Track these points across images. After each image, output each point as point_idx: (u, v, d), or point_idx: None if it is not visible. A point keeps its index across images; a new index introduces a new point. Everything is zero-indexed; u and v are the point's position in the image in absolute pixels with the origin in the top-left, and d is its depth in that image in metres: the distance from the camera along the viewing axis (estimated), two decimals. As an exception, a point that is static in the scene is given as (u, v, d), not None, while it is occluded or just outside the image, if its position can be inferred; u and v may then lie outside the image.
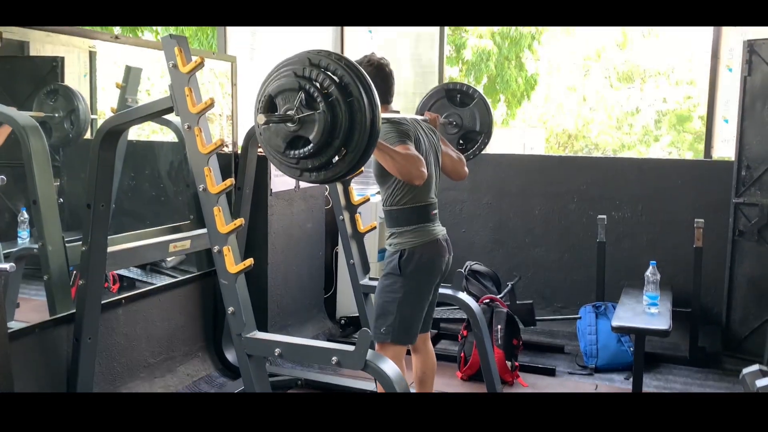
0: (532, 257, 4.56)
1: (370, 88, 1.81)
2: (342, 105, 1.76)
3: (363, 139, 1.78)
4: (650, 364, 3.72)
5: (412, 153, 2.32)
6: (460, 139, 3.11)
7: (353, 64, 1.84)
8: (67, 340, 2.68)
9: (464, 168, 2.79)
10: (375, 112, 1.80)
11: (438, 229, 2.59)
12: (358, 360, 2.08)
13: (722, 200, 3.97)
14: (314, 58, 1.82)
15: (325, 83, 1.77)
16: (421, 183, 2.33)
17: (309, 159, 1.80)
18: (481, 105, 3.08)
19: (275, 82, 1.82)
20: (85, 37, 3.23)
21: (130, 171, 3.94)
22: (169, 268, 4.00)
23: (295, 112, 1.77)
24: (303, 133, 1.78)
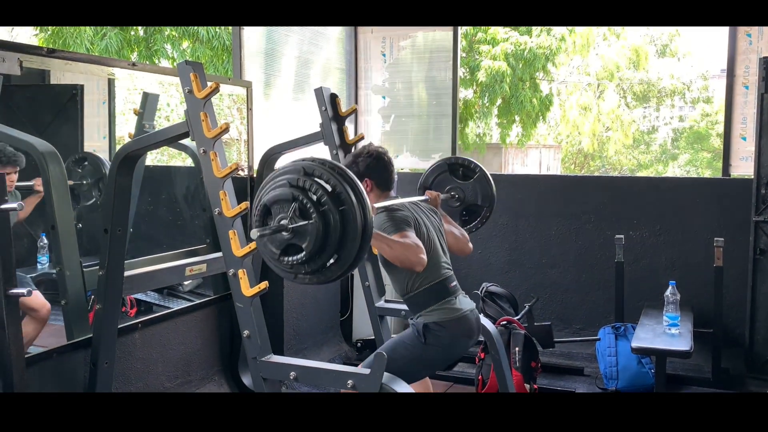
0: (549, 278, 4.52)
1: (362, 195, 1.85)
2: (335, 214, 1.81)
3: (355, 245, 1.83)
4: (672, 386, 3.65)
5: (409, 241, 2.34)
6: (463, 211, 3.17)
7: (345, 173, 1.88)
8: (84, 364, 2.69)
9: (468, 245, 2.83)
10: (366, 218, 1.84)
11: (463, 303, 2.56)
12: (374, 383, 2.06)
13: (742, 218, 3.92)
14: (308, 167, 1.87)
15: (318, 193, 1.82)
16: (421, 269, 2.35)
17: (303, 265, 1.84)
18: (482, 179, 3.15)
19: (271, 192, 1.89)
20: (102, 65, 3.28)
21: (148, 196, 3.98)
22: (186, 292, 4.02)
23: (288, 222, 1.83)
24: (296, 241, 1.84)
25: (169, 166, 4.52)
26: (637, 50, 14.77)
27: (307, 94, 4.59)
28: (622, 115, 16.03)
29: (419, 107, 5.06)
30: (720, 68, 17.52)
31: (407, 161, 5.11)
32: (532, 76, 11.57)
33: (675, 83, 17.47)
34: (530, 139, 13.32)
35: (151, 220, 4.06)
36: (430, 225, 2.60)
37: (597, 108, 15.63)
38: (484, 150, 12.57)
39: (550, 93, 12.40)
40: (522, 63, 11.17)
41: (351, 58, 5.06)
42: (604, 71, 15.83)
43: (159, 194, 4.15)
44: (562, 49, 11.68)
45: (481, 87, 11.32)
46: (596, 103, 15.72)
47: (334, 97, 3.08)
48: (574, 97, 15.63)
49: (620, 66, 15.38)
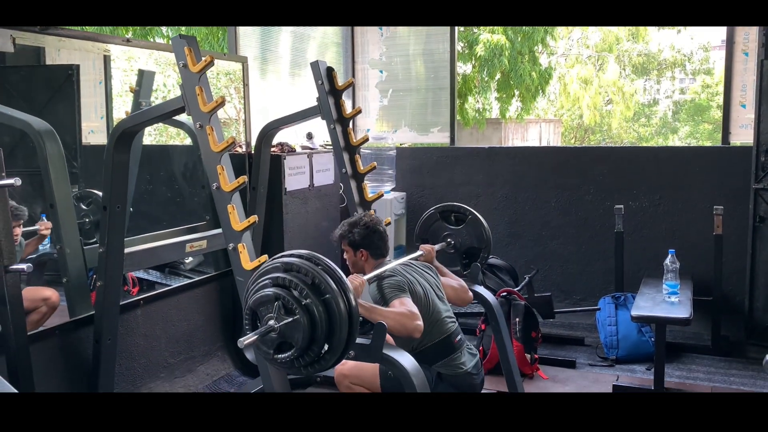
0: (549, 250, 4.53)
1: (341, 280, 1.87)
2: (318, 305, 1.83)
3: (344, 331, 1.85)
4: (672, 354, 3.68)
5: (403, 309, 2.35)
6: (462, 255, 3.21)
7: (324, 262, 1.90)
8: (88, 341, 2.71)
9: (468, 294, 2.87)
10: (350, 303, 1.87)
11: (468, 361, 2.61)
12: (375, 353, 2.08)
13: (742, 186, 3.91)
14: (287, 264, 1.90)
15: (298, 288, 1.84)
16: (419, 335, 2.36)
17: (297, 360, 1.87)
18: (474, 222, 3.20)
19: (255, 294, 1.90)
20: (97, 41, 3.26)
21: (147, 174, 3.98)
22: (188, 270, 4.03)
23: (275, 321, 1.84)
24: (286, 338, 1.86)
25: (168, 145, 4.51)
26: (637, 21, 14.60)
27: (303, 69, 4.57)
28: (624, 86, 15.91)
29: (417, 81, 5.03)
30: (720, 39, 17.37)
31: (405, 136, 5.10)
32: (531, 50, 11.45)
33: (675, 55, 17.32)
34: (530, 113, 13.24)
35: (151, 198, 4.06)
36: (425, 283, 2.64)
37: (598, 80, 15.51)
38: (483, 125, 12.48)
39: (549, 66, 12.28)
40: (521, 36, 11.06)
41: (347, 32, 5.02)
42: (604, 43, 15.69)
43: (158, 173, 4.14)
44: (561, 21, 11.55)
45: (479, 61, 11.22)
46: (596, 75, 15.60)
47: (330, 70, 3.06)
48: (575, 71, 15.50)
49: (620, 38, 15.23)
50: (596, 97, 15.28)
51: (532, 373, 3.51)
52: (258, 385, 3.28)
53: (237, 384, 3.45)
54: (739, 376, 3.48)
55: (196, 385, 3.31)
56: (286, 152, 3.78)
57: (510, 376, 3.05)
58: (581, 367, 3.65)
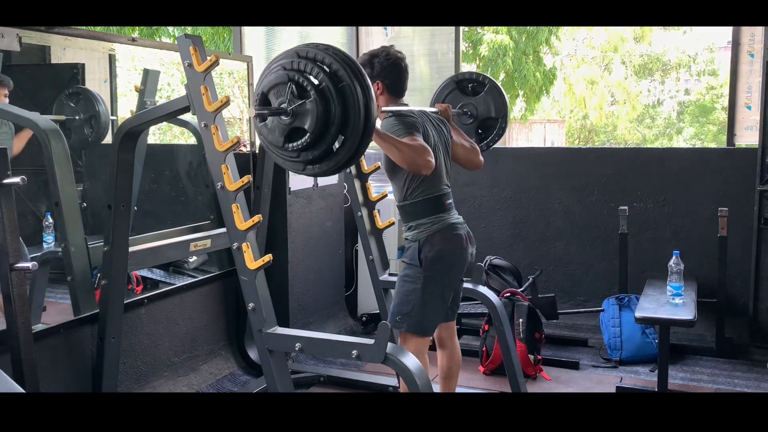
0: (553, 251, 4.53)
1: (360, 73, 1.81)
2: (333, 91, 1.77)
3: (359, 124, 1.78)
4: (676, 355, 3.68)
5: (417, 143, 2.31)
6: (478, 128, 3.09)
7: (341, 52, 1.84)
8: (92, 339, 2.72)
9: (478, 157, 2.75)
10: (368, 95, 1.80)
11: (455, 217, 2.56)
12: (378, 353, 2.08)
13: (746, 188, 3.91)
14: (302, 50, 1.84)
15: (313, 72, 1.78)
16: (428, 172, 2.32)
17: (308, 150, 1.81)
18: (493, 91, 3.05)
19: (266, 78, 1.85)
20: (103, 41, 3.27)
21: (151, 173, 3.99)
22: (192, 269, 4.04)
23: (287, 105, 1.78)
24: (298, 124, 1.80)
25: (172, 144, 4.52)
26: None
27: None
28: (630, 87, 15.87)
29: (421, 81, 5.02)
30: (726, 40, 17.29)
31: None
32: (536, 50, 11.45)
33: (680, 56, 17.28)
34: (534, 114, 13.23)
35: (155, 197, 4.07)
36: (437, 137, 2.55)
37: (604, 81, 15.48)
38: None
39: (554, 67, 12.26)
40: (525, 36, 11.05)
41: (352, 32, 5.02)
42: (609, 44, 15.66)
43: (162, 172, 4.15)
44: (566, 22, 11.54)
45: (483, 61, 11.22)
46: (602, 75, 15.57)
47: (335, 70, 3.06)
48: (580, 71, 15.48)
49: (625, 38, 15.20)
50: (602, 98, 15.26)
51: (535, 374, 3.51)
52: (261, 384, 3.29)
53: (240, 383, 3.45)
54: (743, 379, 3.47)
55: (199, 384, 3.31)
56: (290, 152, 3.77)
57: (513, 377, 3.04)
58: (585, 368, 3.65)
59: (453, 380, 2.79)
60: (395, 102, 2.57)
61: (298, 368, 3.51)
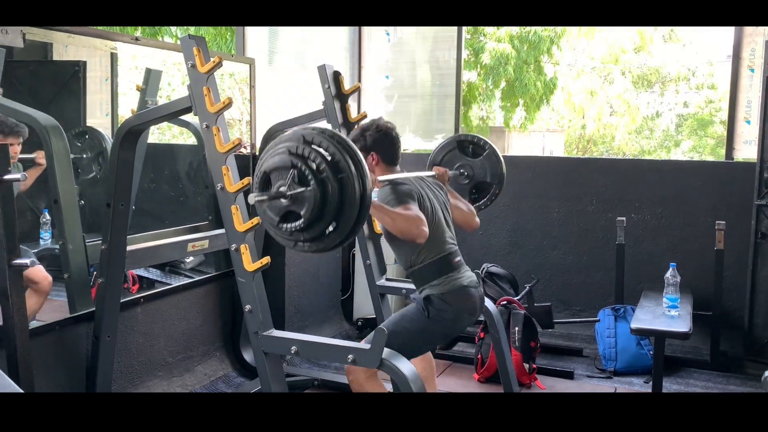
0: (550, 260, 4.53)
1: (361, 164, 1.85)
2: (333, 182, 1.81)
3: (353, 213, 1.83)
4: (670, 367, 3.68)
5: (411, 213, 2.34)
6: (472, 189, 3.16)
7: (345, 141, 1.88)
8: (87, 338, 2.71)
9: (475, 219, 2.84)
10: (365, 187, 1.85)
11: (465, 276, 2.56)
12: (374, 358, 2.08)
13: (744, 202, 3.92)
14: (308, 135, 1.87)
15: (316, 161, 1.82)
16: (423, 241, 2.34)
17: (301, 232, 1.85)
18: (492, 156, 3.13)
19: (270, 159, 1.89)
20: (105, 39, 3.27)
21: (150, 172, 3.98)
22: (188, 270, 4.04)
23: (287, 189, 1.83)
24: (295, 208, 1.85)
25: (172, 144, 4.52)
26: (642, 34, 14.64)
27: (309, 72, 4.57)
28: (630, 99, 15.91)
29: (422, 87, 5.04)
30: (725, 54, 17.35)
31: (410, 142, 5.11)
32: (537, 59, 11.48)
33: (680, 69, 17.33)
34: (534, 123, 13.26)
35: (154, 196, 4.07)
36: (434, 199, 2.60)
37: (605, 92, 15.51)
38: (487, 133, 12.50)
39: (555, 76, 12.30)
40: (527, 45, 11.09)
41: (355, 37, 5.03)
42: (609, 55, 15.70)
43: (162, 171, 4.15)
44: (568, 32, 11.59)
45: (485, 69, 11.25)
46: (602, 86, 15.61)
47: (337, 74, 3.07)
48: (580, 81, 15.51)
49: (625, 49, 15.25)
50: (602, 109, 15.30)
51: (530, 383, 3.51)
52: (256, 386, 3.28)
53: (235, 385, 3.44)
54: (737, 392, 3.47)
55: (193, 385, 3.31)
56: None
57: (508, 385, 3.04)
58: (579, 378, 3.65)
59: (431, 383, 2.79)
60: (390, 170, 2.62)
61: (292, 371, 3.51)
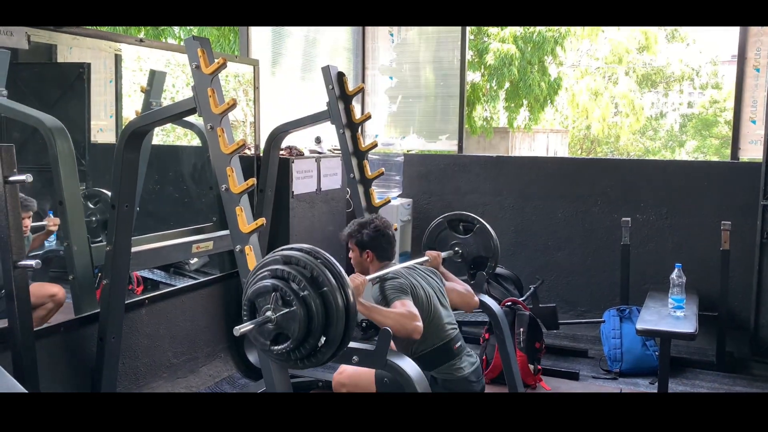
0: (554, 260, 4.52)
1: (340, 276, 1.87)
2: (315, 298, 1.83)
3: (340, 325, 1.85)
4: (676, 368, 3.66)
5: (404, 310, 2.36)
6: (470, 265, 3.23)
7: (323, 255, 1.90)
8: (92, 339, 2.71)
9: (474, 299, 2.86)
10: (347, 296, 1.86)
11: (467, 364, 2.60)
12: (379, 359, 2.08)
13: (750, 203, 3.90)
14: (286, 256, 1.90)
15: (296, 280, 1.84)
16: (418, 336, 2.37)
17: (293, 352, 1.87)
18: (482, 231, 3.22)
19: (253, 286, 1.91)
20: (110, 41, 3.28)
21: (155, 174, 3.99)
22: (192, 271, 4.04)
23: (272, 312, 1.85)
24: (283, 330, 1.86)
25: (177, 146, 4.52)
26: (646, 34, 14.61)
27: (313, 73, 4.58)
28: (635, 99, 15.88)
29: (426, 88, 5.04)
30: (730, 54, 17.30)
31: (414, 142, 5.10)
32: (541, 60, 11.46)
33: (684, 68, 17.29)
34: (537, 123, 13.24)
35: (158, 198, 4.07)
36: (428, 287, 2.64)
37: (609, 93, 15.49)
38: (491, 134, 12.48)
39: (559, 77, 12.28)
40: (531, 46, 11.06)
41: (358, 38, 5.03)
42: (613, 55, 15.69)
43: (166, 173, 4.15)
44: (572, 33, 11.56)
45: (489, 70, 11.23)
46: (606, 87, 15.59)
47: (341, 75, 3.07)
48: (584, 82, 15.49)
49: (629, 49, 15.22)
50: (606, 110, 15.27)
51: (534, 384, 3.49)
52: (260, 387, 3.28)
53: (239, 386, 3.44)
54: (743, 393, 3.46)
55: (198, 386, 3.30)
56: (294, 156, 3.78)
57: (513, 386, 3.04)
58: (584, 379, 3.64)
59: None
60: (384, 265, 2.66)
61: (297, 372, 3.50)
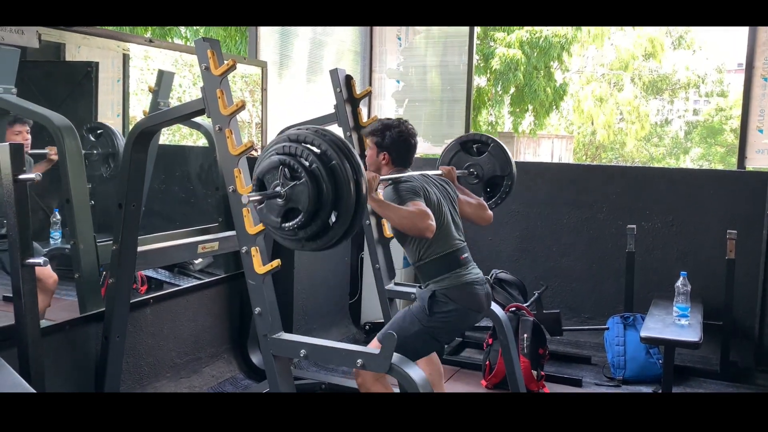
0: (559, 266, 4.51)
1: (350, 152, 1.87)
2: (323, 171, 1.83)
3: (350, 201, 1.85)
4: (680, 377, 3.65)
5: (417, 208, 2.35)
6: (486, 187, 3.17)
7: (330, 133, 1.90)
8: (97, 337, 2.72)
9: (487, 212, 2.83)
10: (357, 171, 1.86)
11: (472, 274, 2.55)
12: (384, 363, 2.07)
13: (756, 211, 3.89)
14: (293, 135, 1.91)
15: (304, 154, 1.85)
16: (431, 235, 2.36)
17: (304, 228, 1.86)
18: (497, 150, 3.14)
19: (261, 164, 1.92)
20: (119, 40, 3.29)
21: (161, 173, 4.00)
22: (197, 271, 4.04)
23: (281, 188, 1.85)
24: (293, 204, 1.87)
25: (183, 146, 4.53)
26: (652, 41, 14.61)
27: (320, 76, 4.59)
28: (640, 106, 15.88)
29: (433, 92, 5.04)
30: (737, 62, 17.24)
31: (420, 146, 5.07)
32: (547, 65, 11.47)
33: (690, 75, 17.29)
34: (543, 128, 13.25)
35: (165, 197, 4.08)
36: (441, 196, 2.59)
37: (614, 99, 15.50)
38: (495, 138, 12.51)
39: (564, 82, 12.28)
40: (537, 51, 11.08)
41: (366, 41, 5.04)
42: (619, 62, 15.69)
43: (173, 173, 4.16)
44: (578, 39, 11.58)
45: (494, 75, 11.25)
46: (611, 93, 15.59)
47: (349, 78, 3.08)
48: (590, 88, 15.50)
49: (636, 56, 15.23)
50: (611, 116, 15.27)
51: (537, 390, 3.49)
52: (263, 388, 3.28)
53: (242, 387, 3.44)
54: (747, 403, 3.45)
55: (200, 386, 3.31)
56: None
57: (516, 391, 3.03)
58: (587, 386, 3.63)
59: (438, 386, 2.77)
60: (398, 171, 2.62)
61: (299, 375, 3.50)
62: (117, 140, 3.65)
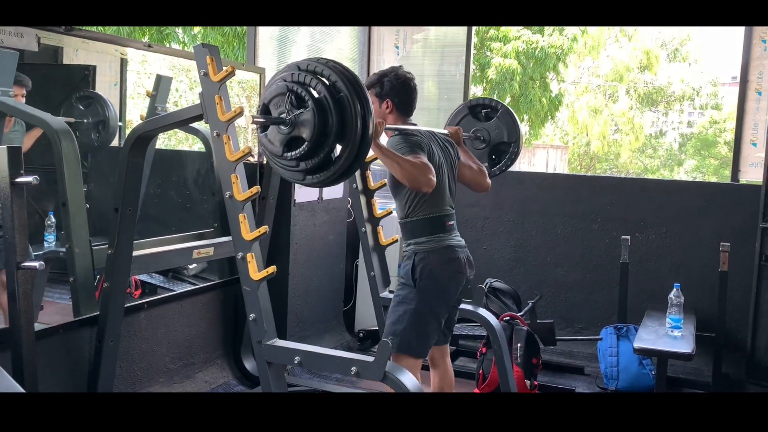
0: (553, 276, 4.53)
1: (359, 85, 1.84)
2: (330, 102, 1.81)
3: (356, 133, 1.82)
4: (672, 388, 3.66)
5: (419, 161, 2.33)
6: (492, 154, 3.12)
7: (340, 65, 1.88)
8: (90, 341, 2.71)
9: (486, 179, 2.78)
10: (365, 107, 1.83)
11: (454, 240, 2.55)
12: (378, 371, 2.07)
13: (749, 225, 3.92)
14: (302, 64, 1.89)
15: (312, 83, 1.82)
16: (429, 190, 2.34)
17: (307, 159, 1.83)
18: (506, 116, 3.09)
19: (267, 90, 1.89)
20: (118, 45, 3.29)
21: (158, 178, 4.00)
22: (191, 276, 4.04)
23: (287, 115, 1.82)
24: (297, 133, 1.84)
25: (180, 150, 4.54)
26: (648, 53, 14.71)
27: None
28: (635, 117, 15.97)
29: (429, 101, 5.05)
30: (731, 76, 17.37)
31: (416, 154, 5.11)
32: (543, 76, 11.53)
33: (684, 88, 17.41)
34: (538, 138, 13.30)
35: (161, 202, 4.08)
36: (443, 157, 2.57)
37: (609, 110, 15.58)
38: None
39: (560, 93, 12.35)
40: (533, 62, 11.14)
41: (364, 49, 5.06)
42: (614, 73, 15.79)
43: (169, 177, 4.16)
44: (574, 50, 11.65)
45: (490, 84, 11.30)
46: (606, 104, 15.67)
47: (347, 86, 3.08)
48: (585, 99, 15.58)
49: (631, 67, 15.32)
50: (605, 127, 15.35)
51: (530, 399, 3.49)
52: (256, 395, 3.27)
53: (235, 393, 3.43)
54: (739, 415, 3.46)
55: (194, 392, 3.30)
56: (297, 164, 3.79)
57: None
58: (580, 396, 3.64)
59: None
60: (404, 121, 2.60)
61: (293, 382, 3.50)
62: (107, 108, 3.64)
